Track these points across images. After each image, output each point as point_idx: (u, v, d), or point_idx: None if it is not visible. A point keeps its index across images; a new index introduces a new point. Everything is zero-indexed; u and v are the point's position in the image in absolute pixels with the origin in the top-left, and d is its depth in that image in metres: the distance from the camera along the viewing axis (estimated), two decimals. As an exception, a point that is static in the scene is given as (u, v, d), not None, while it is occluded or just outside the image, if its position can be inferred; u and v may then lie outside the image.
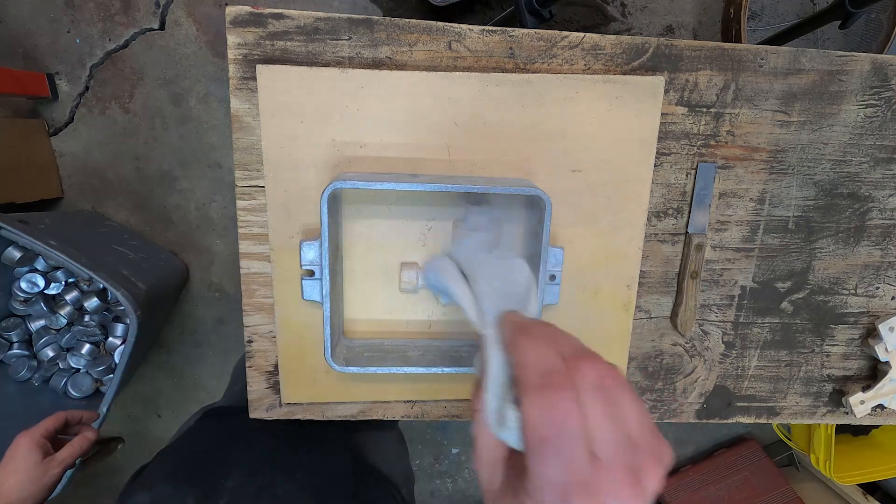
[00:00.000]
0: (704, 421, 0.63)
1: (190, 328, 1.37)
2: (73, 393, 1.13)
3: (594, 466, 0.21)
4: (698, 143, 0.55)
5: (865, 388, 0.63)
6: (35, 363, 1.13)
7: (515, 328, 0.26)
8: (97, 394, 1.16)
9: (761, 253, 0.59)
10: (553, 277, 0.52)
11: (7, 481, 0.54)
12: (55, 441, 0.61)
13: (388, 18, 0.49)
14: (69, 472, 0.84)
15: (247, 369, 0.55)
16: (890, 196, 0.59)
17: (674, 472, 1.61)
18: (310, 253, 0.49)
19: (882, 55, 0.55)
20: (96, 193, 1.26)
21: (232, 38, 0.48)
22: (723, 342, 0.61)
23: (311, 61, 0.49)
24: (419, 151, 0.51)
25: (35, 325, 1.12)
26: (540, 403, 0.22)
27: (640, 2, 1.27)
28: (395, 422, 0.80)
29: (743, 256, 0.59)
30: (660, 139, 0.54)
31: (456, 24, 0.50)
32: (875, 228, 0.60)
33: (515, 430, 0.24)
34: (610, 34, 0.63)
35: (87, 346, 1.14)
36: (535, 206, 0.49)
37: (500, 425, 0.25)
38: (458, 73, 0.49)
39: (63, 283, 1.12)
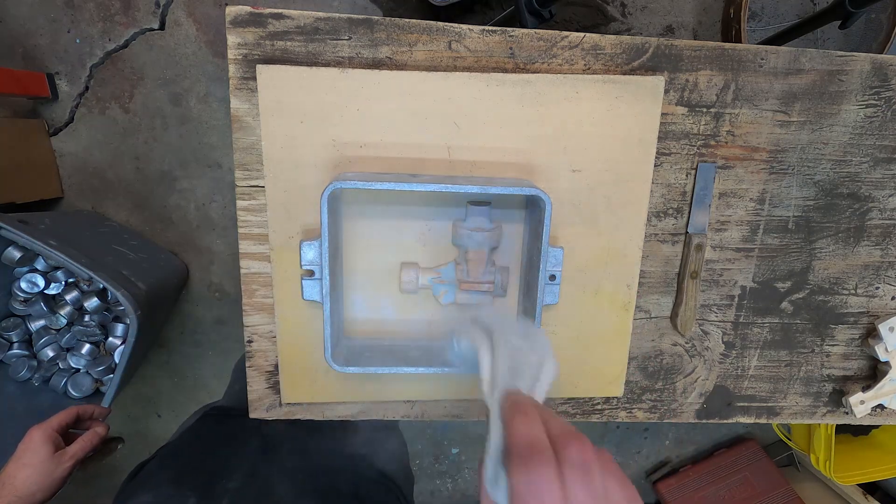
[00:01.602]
0: (704, 421, 0.63)
1: (190, 328, 1.37)
2: (73, 393, 1.13)
3: None
4: (698, 143, 0.55)
5: (865, 388, 0.63)
6: (35, 363, 1.13)
7: (513, 406, 0.29)
8: (97, 394, 1.15)
9: (761, 253, 0.59)
10: (553, 277, 0.52)
11: (19, 474, 0.54)
12: (67, 435, 0.61)
13: (388, 18, 0.49)
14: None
15: (247, 369, 0.55)
16: (890, 196, 0.59)
17: (674, 472, 1.61)
18: (310, 253, 0.49)
19: (882, 55, 0.55)
20: (96, 193, 1.26)
21: (232, 38, 0.48)
22: (723, 342, 0.61)
23: (311, 61, 0.49)
24: (419, 151, 0.51)
25: (35, 325, 1.12)
26: (523, 473, 0.25)
27: (640, 2, 1.27)
28: (395, 422, 0.80)
29: (743, 256, 0.59)
30: (660, 139, 0.54)
31: (456, 24, 0.50)
32: (875, 228, 0.60)
33: (505, 493, 0.28)
34: (610, 34, 0.63)
35: (87, 346, 1.14)
36: (535, 206, 0.49)
37: (494, 488, 0.29)
38: (458, 73, 0.49)
39: (63, 283, 1.12)
